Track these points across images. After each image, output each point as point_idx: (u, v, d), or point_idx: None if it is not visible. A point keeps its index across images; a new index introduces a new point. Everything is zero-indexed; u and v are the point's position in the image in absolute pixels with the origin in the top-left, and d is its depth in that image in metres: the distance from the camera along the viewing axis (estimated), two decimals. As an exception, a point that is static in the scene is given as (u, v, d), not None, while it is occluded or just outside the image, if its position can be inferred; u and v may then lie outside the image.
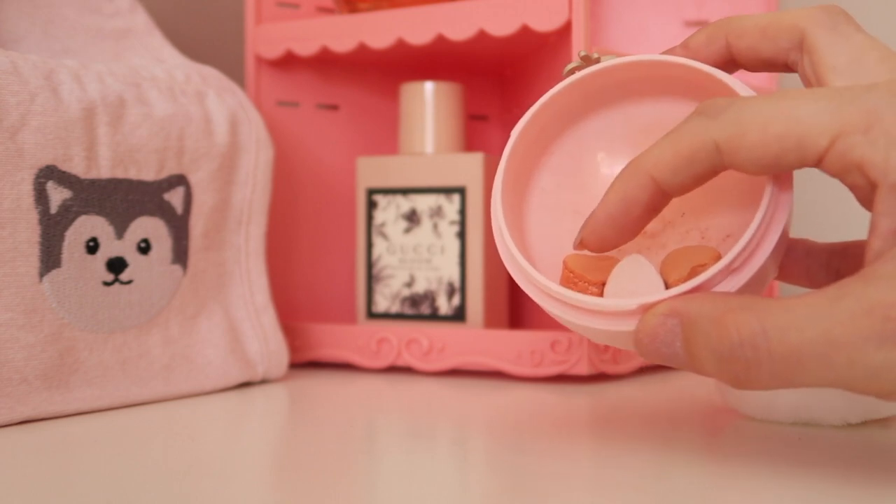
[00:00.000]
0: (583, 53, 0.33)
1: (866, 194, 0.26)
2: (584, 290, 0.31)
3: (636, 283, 0.30)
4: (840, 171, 0.26)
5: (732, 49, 0.32)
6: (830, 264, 0.34)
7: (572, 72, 0.33)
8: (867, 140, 0.25)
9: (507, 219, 0.32)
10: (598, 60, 0.33)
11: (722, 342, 0.25)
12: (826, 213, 0.61)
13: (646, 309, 0.28)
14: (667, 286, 0.30)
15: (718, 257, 0.30)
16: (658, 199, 0.29)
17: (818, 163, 0.26)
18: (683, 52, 0.32)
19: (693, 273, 0.29)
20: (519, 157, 0.33)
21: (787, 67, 0.31)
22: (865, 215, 0.27)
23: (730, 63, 0.32)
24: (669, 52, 0.33)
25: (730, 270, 0.28)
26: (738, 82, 0.31)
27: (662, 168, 0.28)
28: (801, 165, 0.27)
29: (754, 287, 0.29)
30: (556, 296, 0.30)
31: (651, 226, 0.33)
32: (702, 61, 0.32)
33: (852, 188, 0.26)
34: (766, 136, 0.26)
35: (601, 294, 0.31)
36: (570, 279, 0.31)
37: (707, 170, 0.28)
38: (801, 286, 0.34)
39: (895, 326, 0.23)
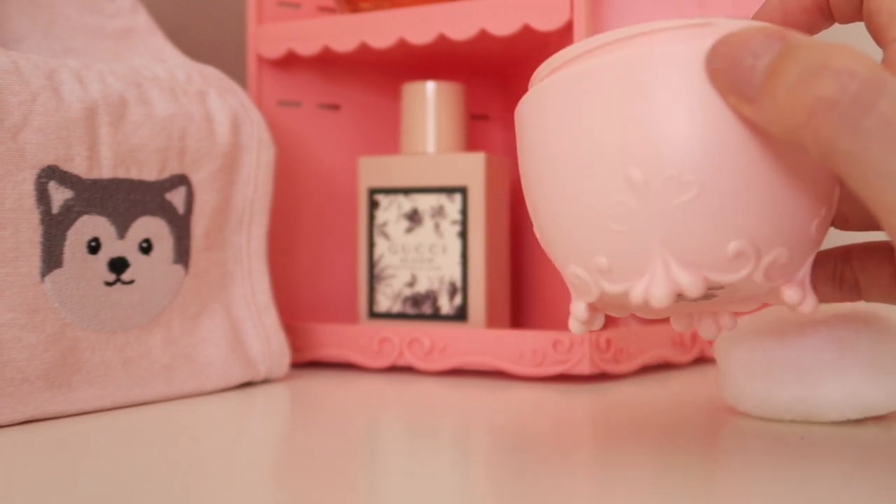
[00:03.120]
0: None
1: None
2: None
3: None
4: None
5: None
6: (836, 273, 0.33)
7: None
8: None
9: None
10: None
11: (829, 62, 0.22)
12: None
13: (729, 28, 0.25)
14: None
15: None
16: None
17: None
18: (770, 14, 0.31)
19: None
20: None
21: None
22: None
23: (824, 9, 0.30)
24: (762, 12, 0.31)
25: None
26: None
27: None
28: None
29: None
30: (610, 37, 0.27)
31: None
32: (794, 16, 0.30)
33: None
34: None
35: None
36: None
37: None
38: None
39: None
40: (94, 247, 0.40)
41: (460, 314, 0.52)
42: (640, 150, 0.26)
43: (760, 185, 0.26)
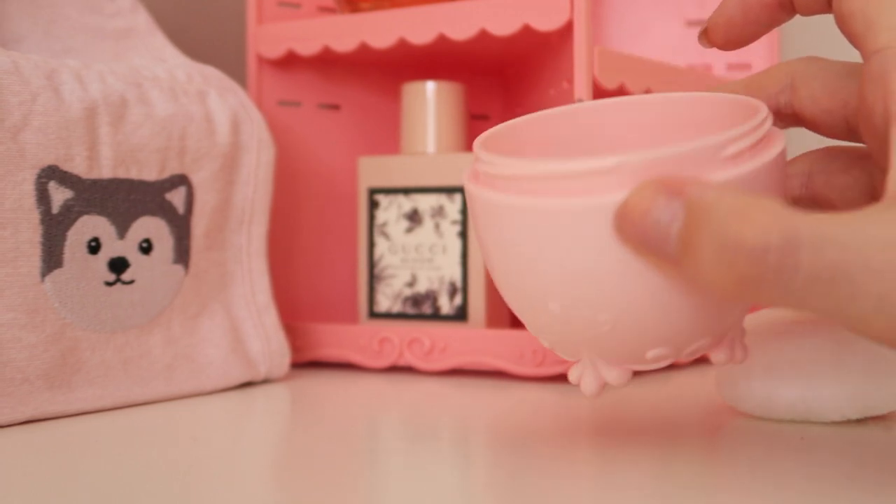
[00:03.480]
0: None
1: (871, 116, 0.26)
2: None
3: None
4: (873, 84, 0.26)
5: None
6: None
7: None
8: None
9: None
10: None
11: (741, 238, 0.22)
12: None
13: (632, 172, 0.24)
14: None
15: None
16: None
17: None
18: None
19: None
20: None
21: (778, 114, 0.31)
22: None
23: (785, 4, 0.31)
24: None
25: (724, 156, 0.25)
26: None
27: None
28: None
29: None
30: (511, 170, 0.26)
31: None
32: None
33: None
34: None
35: None
36: None
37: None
38: None
39: None
40: (94, 247, 0.40)
41: (460, 314, 0.52)
42: (556, 288, 0.26)
43: (673, 309, 0.26)
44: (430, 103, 0.54)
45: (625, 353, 0.28)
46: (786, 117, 0.31)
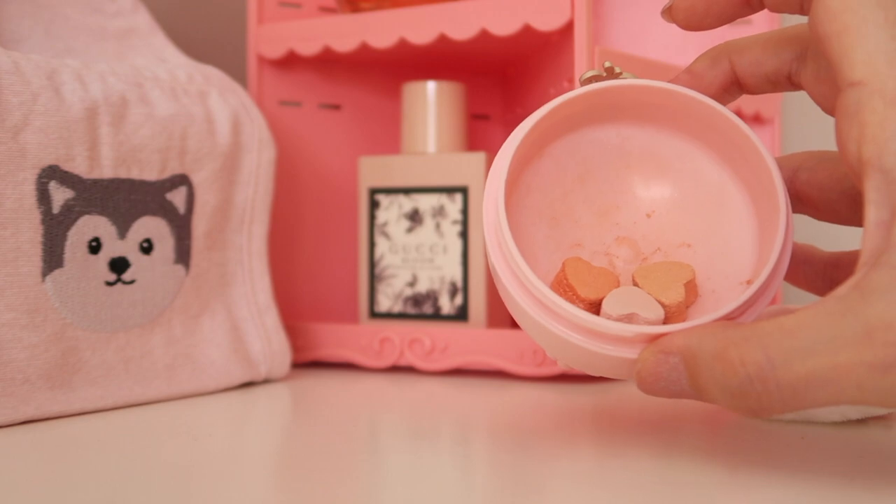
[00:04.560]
0: (608, 65, 0.33)
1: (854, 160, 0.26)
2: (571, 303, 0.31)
3: (633, 305, 0.30)
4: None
5: (736, 68, 0.32)
6: (826, 273, 0.34)
7: (591, 79, 0.33)
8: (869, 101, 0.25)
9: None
10: (620, 75, 0.33)
11: (728, 377, 0.25)
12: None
13: (647, 339, 0.28)
14: (663, 307, 0.30)
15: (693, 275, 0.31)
16: None
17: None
18: (689, 78, 0.32)
19: (690, 289, 0.31)
20: (518, 153, 0.33)
21: (789, 81, 0.31)
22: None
23: (734, 85, 0.32)
24: (675, 80, 0.32)
25: (729, 318, 0.28)
26: (759, 139, 0.31)
27: None
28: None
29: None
30: (551, 305, 0.29)
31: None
32: (707, 84, 0.32)
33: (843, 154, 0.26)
34: None
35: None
36: (562, 285, 0.31)
37: None
38: (801, 288, 0.35)
39: (895, 352, 0.23)
40: (94, 247, 0.40)
41: (461, 314, 0.52)
42: (568, 361, 0.31)
43: None
44: (430, 103, 0.54)
45: None
46: (794, 85, 0.31)
